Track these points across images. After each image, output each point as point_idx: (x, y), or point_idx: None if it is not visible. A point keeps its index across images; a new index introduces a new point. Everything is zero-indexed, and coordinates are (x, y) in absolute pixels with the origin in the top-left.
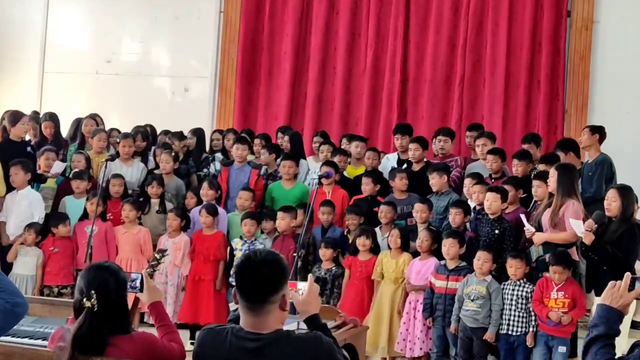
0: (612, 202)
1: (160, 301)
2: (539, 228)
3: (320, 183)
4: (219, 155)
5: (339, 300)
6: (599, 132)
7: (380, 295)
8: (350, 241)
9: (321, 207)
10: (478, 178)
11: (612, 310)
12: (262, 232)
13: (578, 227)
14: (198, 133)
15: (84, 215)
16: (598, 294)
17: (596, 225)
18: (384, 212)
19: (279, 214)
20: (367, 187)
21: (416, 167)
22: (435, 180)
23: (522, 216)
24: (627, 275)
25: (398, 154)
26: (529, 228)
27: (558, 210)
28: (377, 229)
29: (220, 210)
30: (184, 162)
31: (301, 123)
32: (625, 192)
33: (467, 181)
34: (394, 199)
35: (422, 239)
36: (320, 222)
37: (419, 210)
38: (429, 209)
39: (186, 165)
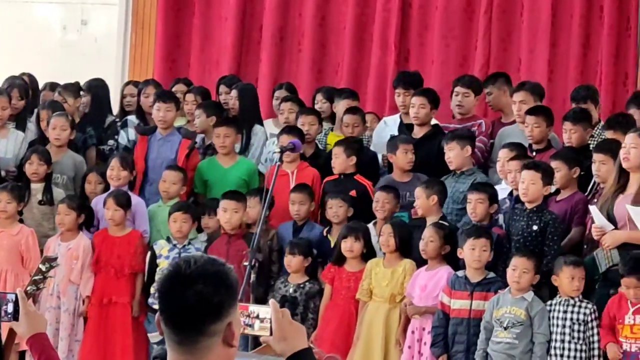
0: None
1: (43, 333)
2: (612, 224)
3: (281, 159)
4: (132, 119)
5: (315, 329)
6: None
7: (369, 320)
8: (332, 244)
9: (292, 195)
10: (518, 149)
11: None
12: (201, 232)
13: None
14: (96, 87)
15: None
16: None
17: None
18: (380, 201)
19: (223, 204)
20: (338, 160)
21: (418, 133)
22: (455, 153)
23: (593, 209)
24: None
25: (400, 117)
26: (603, 226)
27: None
28: (370, 226)
29: (136, 199)
30: (79, 129)
31: (254, 71)
32: None
33: (503, 153)
34: (393, 181)
35: (426, 238)
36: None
37: (379, 199)
38: (396, 198)
39: (82, 135)
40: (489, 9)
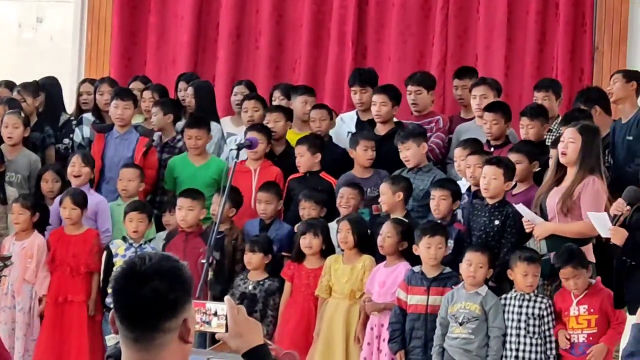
0: None
1: None
2: (542, 216)
3: (238, 156)
4: (88, 117)
5: (274, 327)
6: (636, 79)
7: (329, 317)
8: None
9: (258, 194)
10: (474, 146)
11: None
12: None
13: (601, 222)
14: (49, 85)
15: None
16: (633, 312)
17: (628, 207)
18: (345, 196)
19: (180, 202)
20: (303, 158)
21: (381, 130)
22: (411, 152)
23: (519, 206)
24: None
25: (357, 113)
26: (532, 220)
27: (574, 189)
28: (332, 224)
29: (99, 197)
30: (37, 129)
31: (211, 69)
32: None
33: (459, 151)
34: (353, 178)
35: (384, 234)
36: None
37: (344, 195)
38: (361, 194)
39: (40, 133)
40: (445, 6)
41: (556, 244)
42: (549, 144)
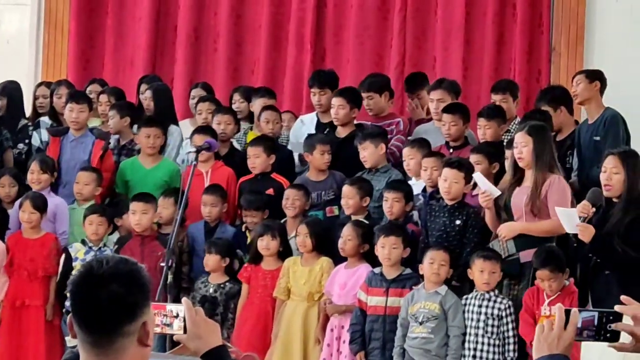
0: (613, 175)
1: None
2: (509, 216)
3: (196, 159)
4: (45, 121)
5: (234, 329)
6: (599, 79)
7: (288, 319)
8: (249, 241)
9: (204, 196)
10: (425, 147)
11: (556, 359)
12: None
13: (568, 218)
14: (10, 89)
15: None
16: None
17: (593, 209)
18: (290, 198)
19: (133, 206)
20: (257, 160)
21: (342, 133)
22: (369, 152)
23: (477, 175)
24: (559, 307)
25: (317, 115)
26: (488, 190)
27: (540, 189)
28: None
29: (58, 199)
30: None
31: (170, 71)
32: (631, 159)
33: (407, 151)
34: (308, 181)
35: (345, 237)
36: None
37: (289, 197)
38: (306, 195)
39: None
40: (403, 8)
41: (524, 243)
42: (505, 145)
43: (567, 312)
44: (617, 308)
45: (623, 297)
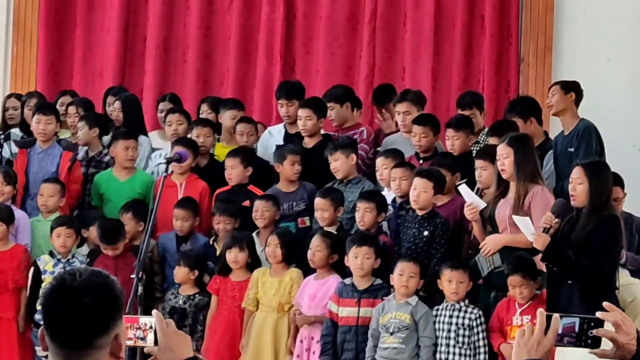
0: (577, 186)
1: None
2: (494, 229)
3: (166, 169)
4: (16, 132)
5: (203, 341)
6: (575, 91)
7: (257, 330)
8: (218, 253)
9: (175, 210)
10: (398, 157)
11: None
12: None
13: (526, 227)
14: None
15: None
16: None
17: (557, 220)
18: (259, 209)
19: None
20: (234, 171)
21: (309, 143)
22: (340, 163)
23: (463, 187)
24: (541, 313)
25: (285, 126)
26: (474, 203)
27: (523, 201)
28: (255, 236)
29: (19, 213)
30: None
31: (139, 82)
32: (595, 169)
33: (380, 161)
34: (279, 192)
35: (314, 247)
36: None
37: (258, 208)
38: (275, 206)
39: None
40: (372, 19)
41: (509, 255)
42: (475, 156)
43: (549, 318)
44: (598, 314)
45: (605, 304)
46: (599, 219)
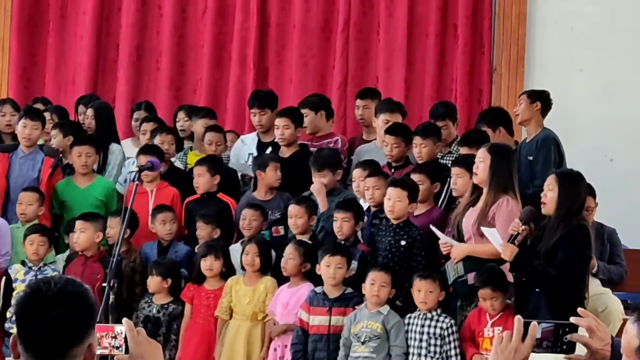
0: (547, 193)
1: None
2: (459, 237)
3: (139, 178)
4: None
5: (177, 350)
6: (541, 100)
7: (231, 338)
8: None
9: (158, 215)
10: (371, 167)
11: None
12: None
13: (494, 238)
14: None
15: None
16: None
17: (524, 227)
18: (247, 218)
19: (78, 224)
20: (201, 179)
21: (286, 153)
22: (327, 179)
23: (434, 228)
24: (518, 320)
25: (258, 135)
26: (446, 241)
27: (488, 210)
28: (233, 246)
29: (0, 220)
30: None
31: (111, 90)
32: (567, 178)
33: (358, 172)
34: (255, 200)
35: (286, 256)
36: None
37: (246, 217)
38: (263, 215)
39: None
40: (346, 28)
41: (473, 264)
42: (449, 163)
43: (527, 325)
44: (572, 319)
45: (579, 309)
46: (566, 228)
